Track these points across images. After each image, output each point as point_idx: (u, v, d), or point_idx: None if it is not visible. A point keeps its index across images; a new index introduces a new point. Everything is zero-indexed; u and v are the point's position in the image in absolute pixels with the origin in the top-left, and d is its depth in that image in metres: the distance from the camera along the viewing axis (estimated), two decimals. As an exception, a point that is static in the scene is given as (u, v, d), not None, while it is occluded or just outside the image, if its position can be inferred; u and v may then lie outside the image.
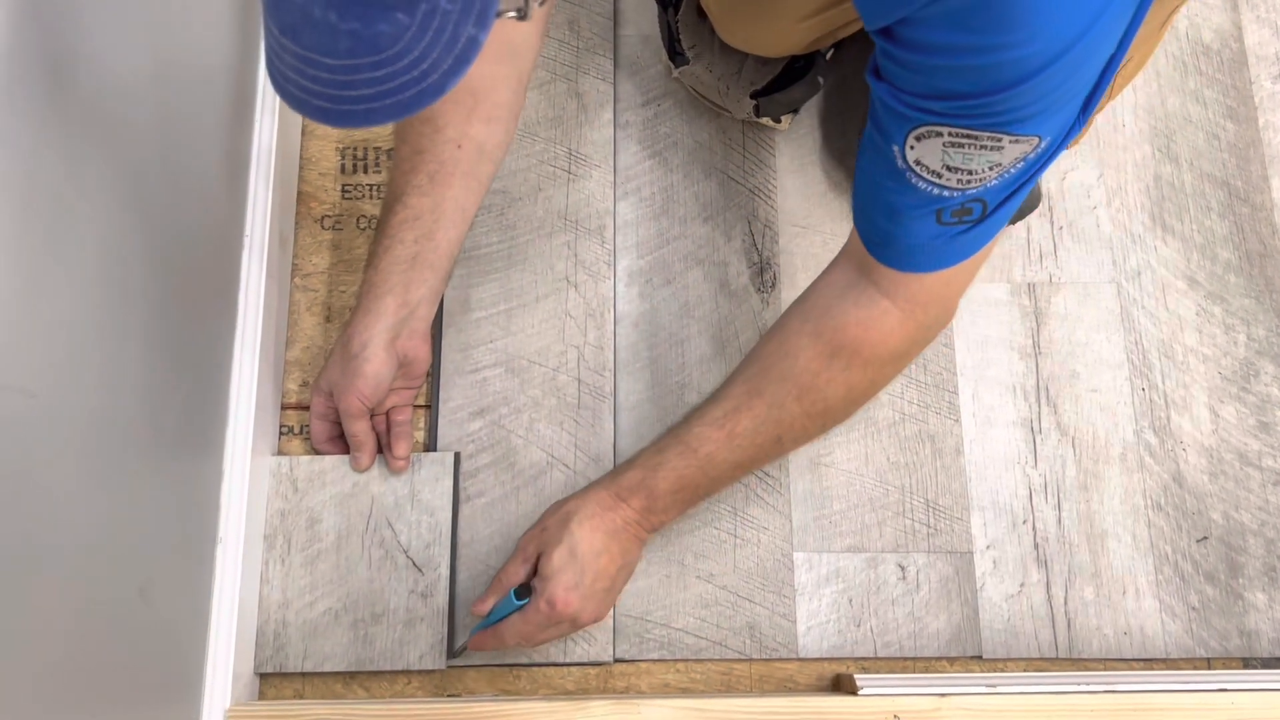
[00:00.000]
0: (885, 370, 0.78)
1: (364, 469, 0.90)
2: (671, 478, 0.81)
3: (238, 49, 0.90)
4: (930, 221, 0.64)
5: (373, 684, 0.89)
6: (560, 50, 1.06)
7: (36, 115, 0.55)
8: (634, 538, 0.84)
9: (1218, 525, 0.96)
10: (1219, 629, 0.93)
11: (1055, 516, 0.96)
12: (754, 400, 0.79)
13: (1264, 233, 1.04)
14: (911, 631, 0.93)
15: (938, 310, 0.74)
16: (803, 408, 0.78)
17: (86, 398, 0.62)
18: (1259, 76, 1.09)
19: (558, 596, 0.80)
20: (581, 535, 0.81)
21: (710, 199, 1.04)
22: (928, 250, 0.67)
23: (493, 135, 0.85)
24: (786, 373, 0.77)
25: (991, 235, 0.67)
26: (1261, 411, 0.99)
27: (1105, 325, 1.01)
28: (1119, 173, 1.06)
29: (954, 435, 0.98)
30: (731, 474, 0.83)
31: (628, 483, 0.83)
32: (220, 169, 0.85)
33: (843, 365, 0.75)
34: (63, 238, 0.59)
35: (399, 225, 0.84)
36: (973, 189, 0.61)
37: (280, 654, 0.87)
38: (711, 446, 0.80)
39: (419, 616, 0.88)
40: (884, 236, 0.68)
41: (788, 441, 0.82)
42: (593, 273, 1.00)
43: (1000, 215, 0.65)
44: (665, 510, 0.83)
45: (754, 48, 0.98)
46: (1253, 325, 1.01)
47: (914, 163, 0.61)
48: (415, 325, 0.86)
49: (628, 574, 0.86)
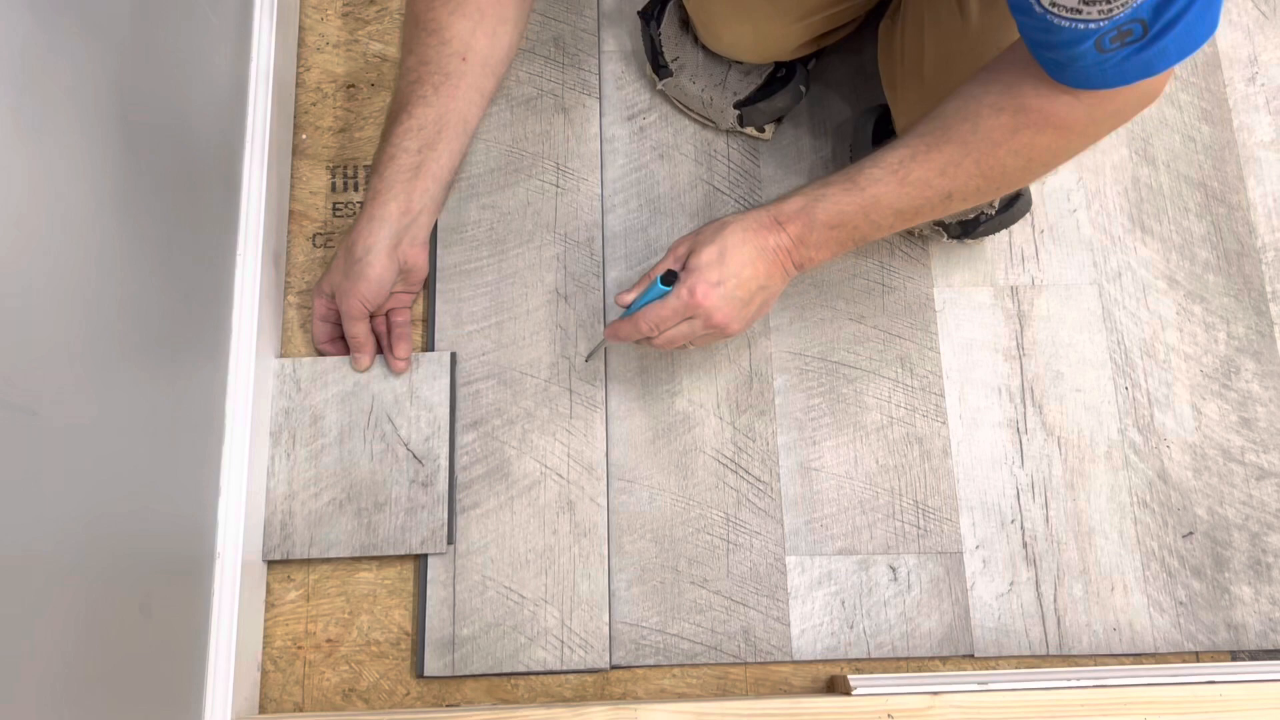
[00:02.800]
0: (1066, 153, 0.75)
1: (364, 369, 0.94)
2: (832, 210, 0.79)
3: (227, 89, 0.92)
4: (1092, 51, 0.63)
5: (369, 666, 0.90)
6: (546, 66, 1.08)
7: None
8: (780, 266, 0.81)
9: (1203, 520, 0.97)
10: (1206, 623, 0.95)
11: (1043, 515, 0.97)
12: (931, 153, 0.76)
13: (1241, 232, 1.06)
14: (904, 632, 0.94)
15: (1123, 112, 0.72)
16: (980, 169, 0.75)
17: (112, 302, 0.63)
18: (1232, 79, 1.11)
19: (699, 288, 0.79)
20: (733, 242, 0.80)
21: (697, 209, 1.05)
22: (1101, 71, 0.65)
23: (496, 49, 0.86)
24: (967, 136, 0.74)
25: (1175, 57, 0.63)
26: (1243, 408, 1.01)
27: (1088, 326, 1.03)
28: (1098, 176, 1.08)
29: (941, 437, 0.99)
30: (892, 221, 0.79)
31: (789, 208, 0.80)
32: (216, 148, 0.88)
33: (1025, 142, 0.73)
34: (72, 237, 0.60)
35: (403, 134, 0.85)
36: (1119, 13, 0.60)
37: (287, 542, 0.91)
38: (880, 188, 0.77)
39: (420, 504, 0.92)
40: (1055, 65, 0.67)
41: (956, 199, 0.78)
42: (582, 284, 1.01)
43: (1175, 33, 0.62)
44: (818, 246, 0.81)
45: (738, 53, 1.00)
46: (1232, 323, 1.03)
47: (1050, 5, 0.61)
48: (416, 233, 0.88)
49: (765, 299, 0.83)
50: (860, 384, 1.00)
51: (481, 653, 0.91)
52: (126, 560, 0.69)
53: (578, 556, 0.94)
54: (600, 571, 0.94)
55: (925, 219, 0.81)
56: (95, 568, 0.65)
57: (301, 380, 0.95)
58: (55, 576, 0.60)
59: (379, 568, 0.94)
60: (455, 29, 0.84)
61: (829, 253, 0.81)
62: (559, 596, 0.93)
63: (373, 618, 0.93)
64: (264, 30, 0.98)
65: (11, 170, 0.56)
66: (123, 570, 0.69)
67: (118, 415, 0.68)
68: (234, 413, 0.87)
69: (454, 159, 0.88)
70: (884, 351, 1.01)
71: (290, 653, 0.92)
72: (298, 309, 1.00)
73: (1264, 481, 0.98)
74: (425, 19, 0.83)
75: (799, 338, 1.01)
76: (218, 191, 0.88)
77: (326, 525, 0.92)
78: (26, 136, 0.57)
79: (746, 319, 0.83)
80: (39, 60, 0.59)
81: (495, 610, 0.92)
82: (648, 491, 0.97)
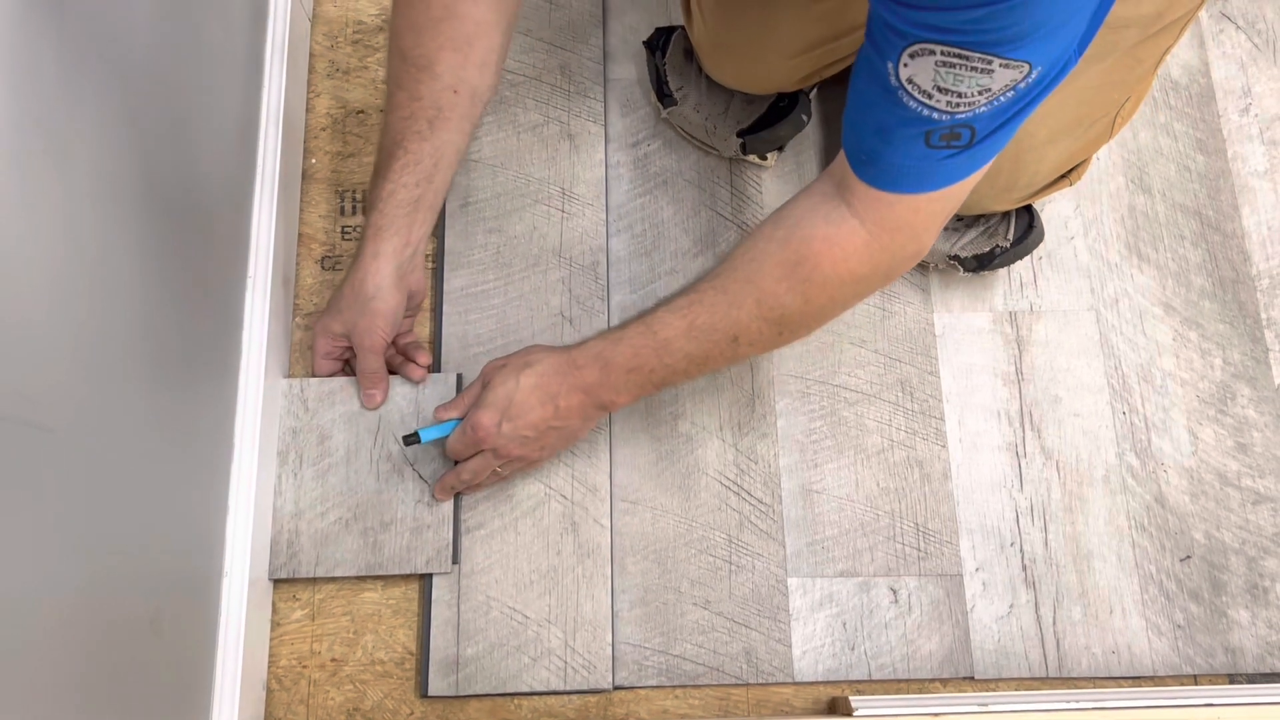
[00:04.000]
0: (845, 290, 0.77)
1: (375, 406, 0.96)
2: (628, 354, 0.82)
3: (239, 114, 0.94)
4: (919, 143, 0.65)
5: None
6: (553, 94, 1.10)
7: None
8: (579, 408, 0.86)
9: (1200, 544, 0.98)
10: (1204, 646, 0.95)
11: (1042, 538, 0.98)
12: (717, 296, 0.78)
13: (1236, 259, 1.08)
14: (904, 654, 0.94)
15: (905, 238, 0.73)
16: (760, 312, 0.77)
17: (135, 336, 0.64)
18: (1226, 110, 1.14)
19: (480, 422, 0.86)
20: (525, 386, 0.85)
21: (700, 235, 1.07)
22: (912, 171, 0.67)
23: (485, 79, 0.88)
24: (751, 276, 0.77)
25: (976, 166, 0.67)
26: (1239, 433, 1.02)
27: (1085, 351, 1.04)
28: (1095, 204, 1.09)
29: (941, 460, 1.00)
30: (686, 367, 0.82)
31: (587, 352, 0.84)
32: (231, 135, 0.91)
33: (802, 277, 0.75)
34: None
35: (401, 170, 0.87)
36: (962, 113, 0.61)
37: (294, 560, 0.92)
38: (670, 332, 0.80)
39: (425, 524, 0.93)
40: (870, 154, 0.69)
41: (743, 344, 0.80)
42: (587, 308, 1.03)
43: (987, 146, 0.65)
44: (618, 389, 0.84)
45: (742, 85, 1.02)
46: (1228, 349, 1.05)
47: (906, 81, 0.61)
48: (416, 261, 0.91)
49: (561, 437, 0.89)
50: (861, 407, 1.01)
51: (485, 673, 0.92)
52: (138, 575, 0.70)
53: (581, 577, 0.95)
54: (603, 592, 0.94)
55: (719, 365, 0.83)
56: (109, 580, 0.66)
57: (309, 400, 0.96)
58: (71, 587, 0.61)
59: (384, 587, 0.95)
60: (445, 63, 0.85)
61: (630, 395, 0.85)
62: (562, 617, 0.94)
63: (377, 637, 0.94)
64: (275, 59, 1.00)
65: (37, 201, 0.57)
66: (134, 584, 0.70)
67: (132, 433, 0.70)
68: (243, 433, 0.88)
69: (447, 188, 0.91)
70: (885, 375, 1.02)
71: (295, 671, 0.92)
72: (305, 330, 1.01)
73: (1260, 506, 1.00)
74: (413, 55, 0.85)
75: (801, 361, 1.03)
76: (229, 217, 0.89)
77: (333, 544, 0.93)
78: (51, 166, 0.59)
79: (536, 453, 0.90)
80: (62, 101, 0.60)
81: (499, 630, 0.93)
82: (651, 513, 0.98)
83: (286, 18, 1.02)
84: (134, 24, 0.71)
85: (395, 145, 0.87)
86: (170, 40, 0.78)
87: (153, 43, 0.74)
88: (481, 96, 0.88)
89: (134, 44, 0.71)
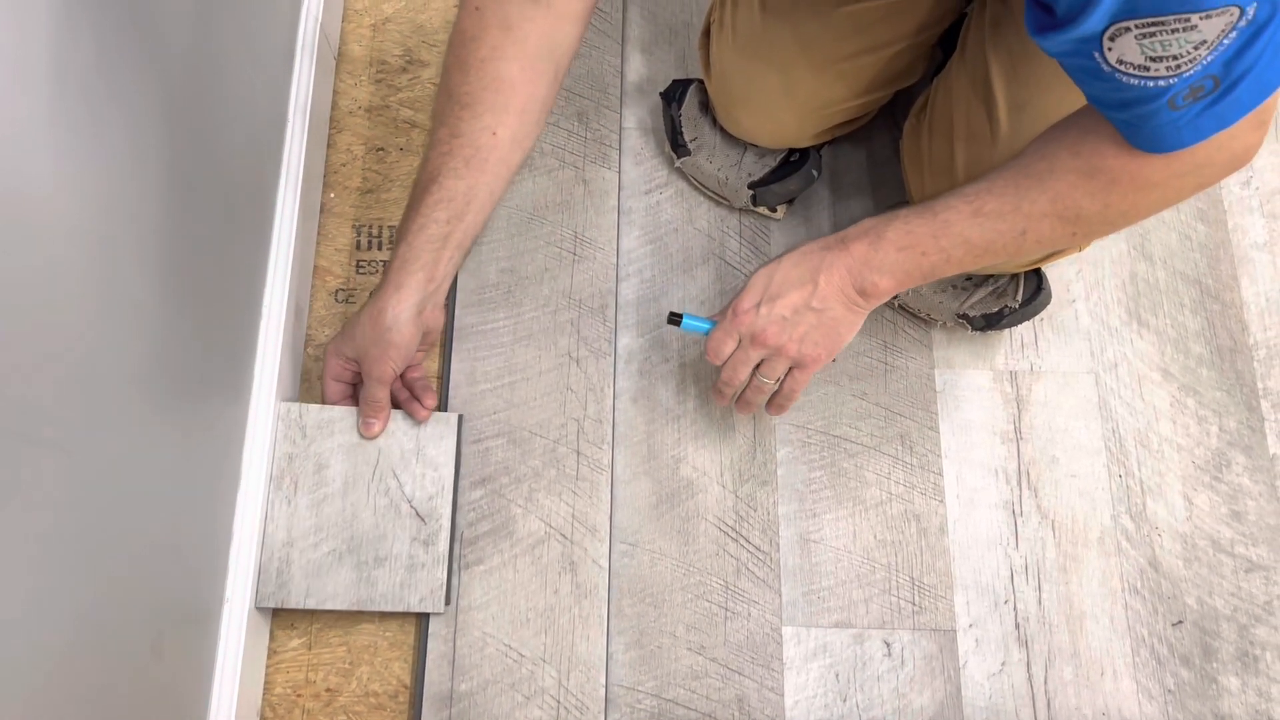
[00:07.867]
0: (1148, 197, 0.71)
1: (374, 436, 0.95)
2: (901, 230, 0.78)
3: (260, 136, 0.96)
4: (1165, 110, 0.62)
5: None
6: (569, 140, 1.12)
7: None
8: (839, 289, 0.81)
9: (1192, 610, 0.99)
10: (1194, 712, 0.96)
11: (1036, 597, 0.99)
12: (1008, 187, 0.75)
13: (1234, 329, 1.10)
14: (896, 708, 0.95)
15: (1211, 155, 0.67)
16: (1055, 209, 0.73)
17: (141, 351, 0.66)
18: (1228, 182, 1.16)
19: (739, 305, 0.83)
20: (787, 263, 0.82)
21: (708, 282, 1.09)
22: (1179, 128, 0.64)
23: (525, 126, 0.88)
24: (1044, 175, 0.73)
25: (1250, 102, 0.61)
26: (1234, 500, 1.03)
27: (1084, 413, 1.06)
28: (1097, 269, 1.11)
29: (939, 515, 1.01)
30: (962, 256, 0.77)
31: (857, 228, 0.81)
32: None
33: (1102, 185, 0.71)
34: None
35: (433, 205, 0.87)
36: (1189, 71, 0.58)
37: (283, 590, 0.91)
38: (952, 214, 0.76)
39: (420, 563, 0.92)
40: (1129, 129, 0.67)
41: (1030, 239, 0.76)
42: (594, 349, 1.04)
43: (1247, 83, 0.60)
44: (882, 269, 0.79)
45: (755, 138, 1.04)
46: (1224, 417, 1.06)
47: (1117, 63, 0.60)
48: (438, 298, 0.91)
49: (819, 327, 0.83)
50: (861, 459, 1.03)
51: (478, 709, 0.92)
52: (143, 598, 0.71)
53: (578, 617, 0.95)
54: (599, 633, 0.95)
55: (995, 258, 0.78)
56: (114, 602, 0.67)
57: (307, 427, 0.95)
58: (76, 609, 0.62)
59: (381, 619, 0.95)
60: (486, 104, 0.86)
61: (894, 280, 0.80)
62: (557, 656, 0.94)
63: (373, 669, 0.94)
64: (300, 96, 1.02)
65: (58, 228, 0.59)
66: (139, 607, 0.70)
67: (142, 456, 0.71)
68: (250, 460, 0.89)
69: (478, 229, 0.91)
70: (885, 428, 1.04)
71: (289, 700, 0.93)
72: (316, 360, 1.02)
73: (1252, 574, 1.00)
74: (459, 92, 0.86)
75: (803, 410, 1.04)
76: (248, 246, 0.91)
77: (325, 576, 0.92)
78: (76, 193, 0.61)
79: (800, 341, 0.83)
80: (94, 129, 0.63)
81: (494, 667, 0.93)
82: (649, 555, 0.98)
83: (313, 56, 1.05)
84: (159, 73, 0.73)
85: (430, 180, 0.88)
86: (198, 74, 0.80)
87: (185, 67, 0.77)
88: (521, 141, 0.88)
89: (152, 96, 0.73)
